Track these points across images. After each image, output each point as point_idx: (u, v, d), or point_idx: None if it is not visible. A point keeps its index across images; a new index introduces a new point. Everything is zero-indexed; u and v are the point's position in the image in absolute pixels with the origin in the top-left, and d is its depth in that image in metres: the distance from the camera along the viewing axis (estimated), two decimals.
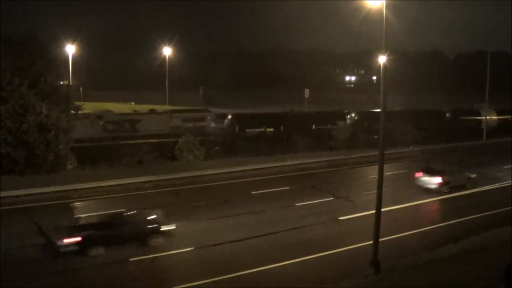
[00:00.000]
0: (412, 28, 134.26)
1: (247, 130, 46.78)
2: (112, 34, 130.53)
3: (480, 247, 21.27)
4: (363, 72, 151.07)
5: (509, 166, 39.95)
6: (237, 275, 19.46)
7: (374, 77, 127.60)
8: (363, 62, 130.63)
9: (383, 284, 18.05)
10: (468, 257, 19.57)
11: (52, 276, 19.31)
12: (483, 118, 60.97)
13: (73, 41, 62.14)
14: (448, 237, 24.03)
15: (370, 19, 20.85)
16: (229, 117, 50.37)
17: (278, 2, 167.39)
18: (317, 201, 30.48)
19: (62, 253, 20.63)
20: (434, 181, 32.81)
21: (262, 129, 45.28)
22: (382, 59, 19.69)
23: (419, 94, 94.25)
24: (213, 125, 49.67)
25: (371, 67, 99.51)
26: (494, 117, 63.53)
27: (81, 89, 62.97)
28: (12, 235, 22.70)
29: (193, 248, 22.21)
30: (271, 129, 45.45)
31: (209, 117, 50.43)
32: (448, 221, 27.34)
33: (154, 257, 20.98)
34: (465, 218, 27.74)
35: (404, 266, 19.67)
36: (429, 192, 32.82)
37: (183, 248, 22.03)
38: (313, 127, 49.87)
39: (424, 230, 25.69)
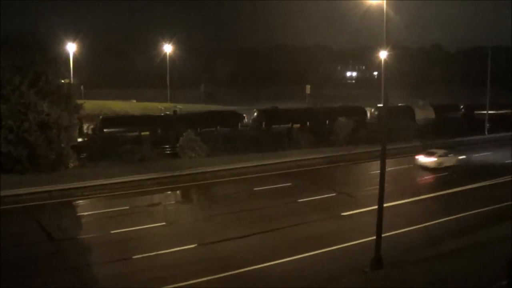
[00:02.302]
0: (413, 23, 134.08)
1: (118, 134, 40.94)
2: (113, 32, 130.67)
3: (482, 242, 21.24)
4: (364, 67, 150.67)
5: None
6: (240, 272, 19.46)
7: (375, 73, 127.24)
8: (364, 58, 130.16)
9: (385, 280, 18.05)
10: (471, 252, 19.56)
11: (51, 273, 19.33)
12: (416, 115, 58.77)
13: (74, 39, 62.08)
14: None
15: (371, 14, 20.82)
16: (100, 119, 44.02)
17: None
18: (319, 197, 30.45)
19: None
20: None
21: (136, 133, 39.65)
22: (383, 55, 19.62)
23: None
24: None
25: (372, 63, 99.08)
26: (431, 115, 60.03)
27: (82, 87, 62.83)
28: (13, 234, 22.79)
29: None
30: (147, 133, 40.00)
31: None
32: None
33: None
34: None
35: (406, 261, 19.67)
36: None
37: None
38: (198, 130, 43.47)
39: None
